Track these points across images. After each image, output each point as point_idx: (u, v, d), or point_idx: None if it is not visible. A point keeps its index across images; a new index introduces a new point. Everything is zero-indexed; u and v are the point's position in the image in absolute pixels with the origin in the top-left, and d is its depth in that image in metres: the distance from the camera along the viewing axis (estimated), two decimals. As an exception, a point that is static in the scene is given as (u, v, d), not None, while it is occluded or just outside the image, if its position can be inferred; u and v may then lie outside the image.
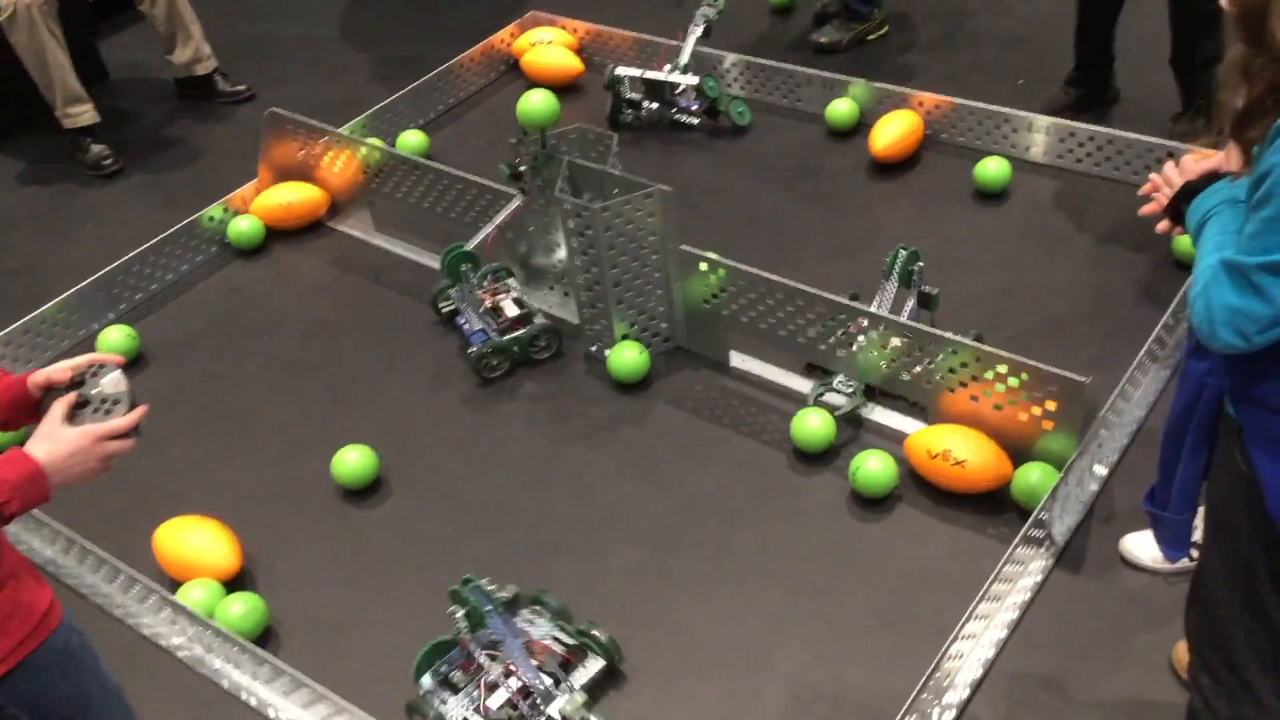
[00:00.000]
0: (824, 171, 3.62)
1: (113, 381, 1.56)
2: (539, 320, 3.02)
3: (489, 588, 2.18)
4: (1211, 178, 1.67)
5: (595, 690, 2.24)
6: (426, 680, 2.22)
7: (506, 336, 2.98)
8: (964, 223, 3.34)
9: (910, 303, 2.79)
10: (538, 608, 2.31)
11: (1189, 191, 1.67)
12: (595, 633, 2.24)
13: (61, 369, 1.58)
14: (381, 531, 2.65)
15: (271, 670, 2.29)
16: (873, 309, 2.70)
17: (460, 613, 2.16)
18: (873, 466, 2.52)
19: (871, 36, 4.26)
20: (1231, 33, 1.42)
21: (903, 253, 2.78)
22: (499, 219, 3.07)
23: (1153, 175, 1.82)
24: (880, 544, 2.48)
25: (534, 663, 2.18)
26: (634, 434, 2.82)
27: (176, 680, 2.38)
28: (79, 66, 3.97)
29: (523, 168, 3.00)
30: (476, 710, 2.18)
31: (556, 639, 2.25)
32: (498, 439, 2.85)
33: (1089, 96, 3.66)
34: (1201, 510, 1.74)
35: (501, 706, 2.17)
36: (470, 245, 3.06)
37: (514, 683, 2.18)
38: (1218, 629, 1.67)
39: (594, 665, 2.25)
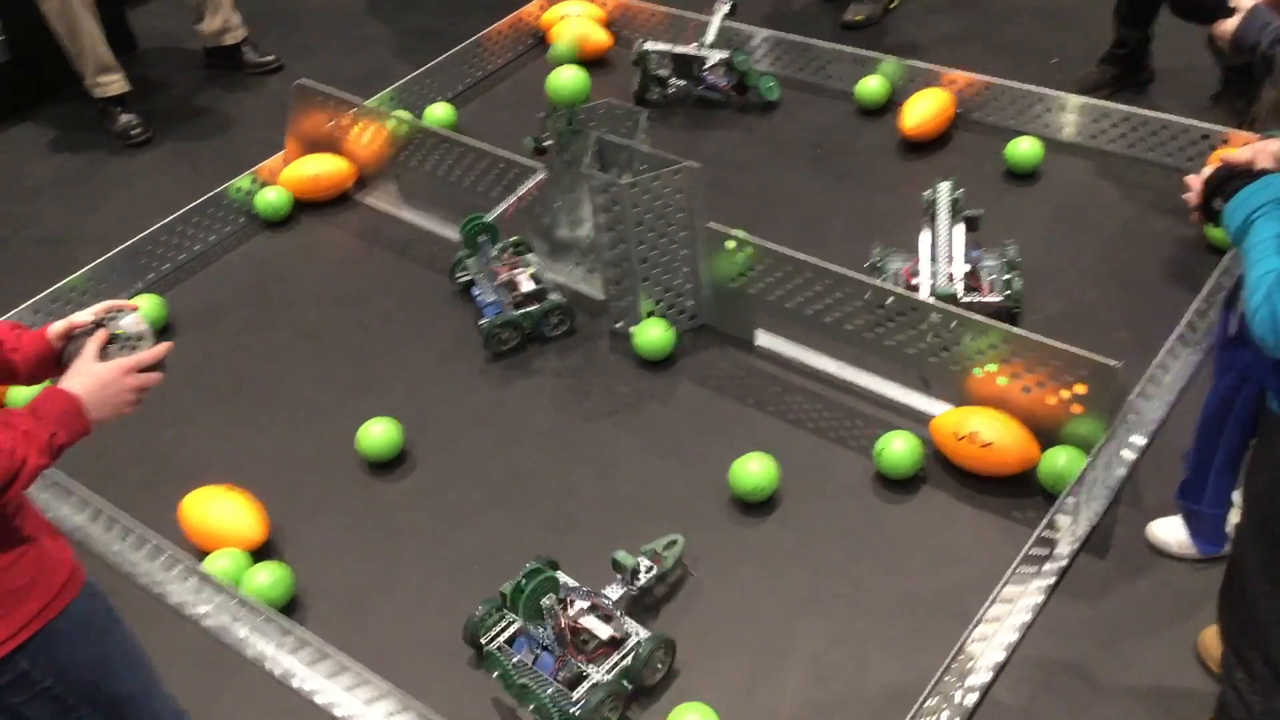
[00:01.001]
0: (853, 149, 3.59)
1: (133, 322, 1.60)
2: (553, 297, 3.01)
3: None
4: (1245, 173, 1.57)
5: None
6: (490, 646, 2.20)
7: (519, 311, 2.97)
8: (995, 203, 3.30)
9: (959, 232, 2.81)
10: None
11: (1219, 181, 1.59)
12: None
13: (81, 316, 1.61)
14: (406, 504, 2.66)
15: (296, 640, 2.30)
16: (925, 249, 2.76)
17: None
18: (898, 448, 2.51)
19: (893, 5, 4.26)
20: None
21: (944, 185, 2.81)
22: (520, 191, 3.06)
23: (1190, 178, 1.71)
24: (904, 526, 2.47)
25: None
26: (658, 411, 2.81)
27: (201, 649, 2.40)
28: (108, 36, 3.97)
29: (548, 142, 2.99)
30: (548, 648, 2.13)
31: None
32: (522, 414, 2.85)
33: (1124, 76, 3.61)
34: (1236, 502, 1.72)
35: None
36: (490, 216, 3.06)
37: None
38: (1255, 624, 1.65)
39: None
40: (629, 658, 2.14)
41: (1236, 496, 1.70)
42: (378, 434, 2.71)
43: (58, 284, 3.21)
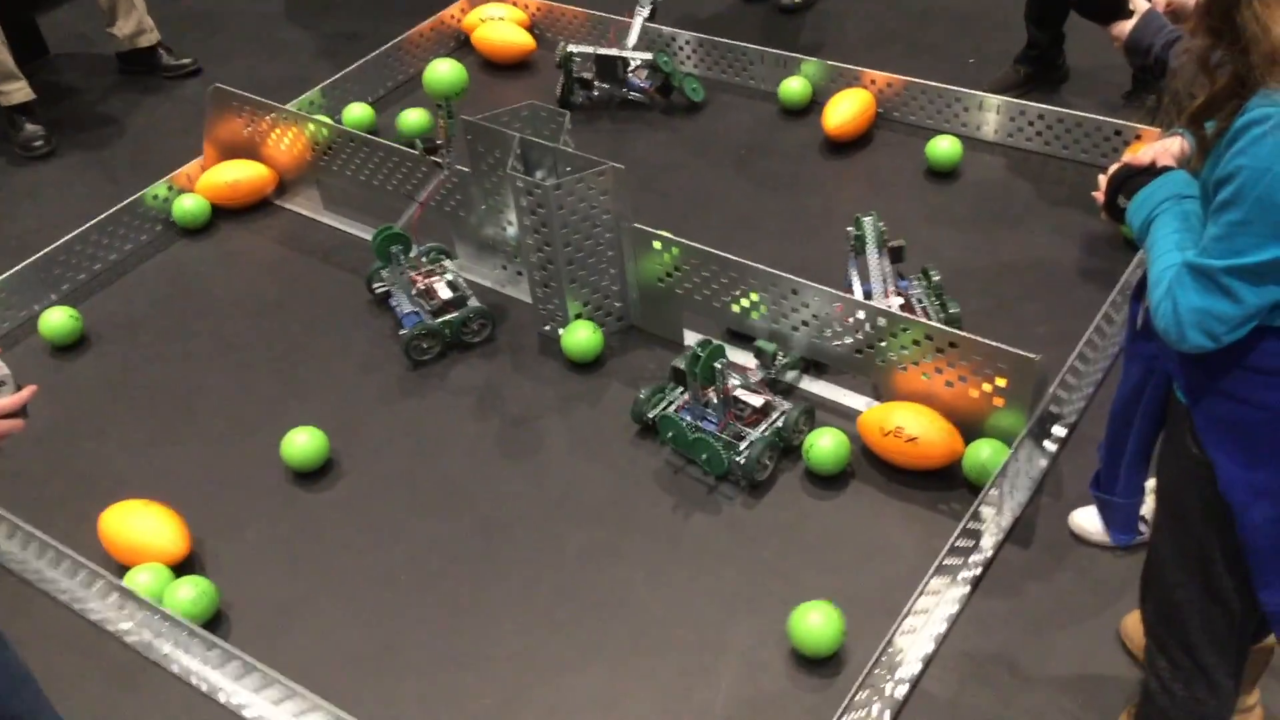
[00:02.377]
0: (777, 150, 3.62)
1: None
2: (472, 303, 3.00)
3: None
4: (1146, 170, 1.61)
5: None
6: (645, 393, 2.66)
7: (438, 319, 2.95)
8: (916, 201, 3.36)
9: (887, 266, 2.84)
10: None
11: (1122, 180, 1.63)
12: (761, 457, 2.53)
13: None
14: (331, 514, 2.62)
15: (222, 654, 2.26)
16: (856, 282, 2.82)
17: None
18: (825, 444, 2.53)
19: None
20: (1193, 22, 1.38)
21: (867, 220, 2.83)
22: (422, 194, 3.04)
23: (1101, 177, 1.76)
24: (833, 521, 2.49)
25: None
26: (588, 413, 2.81)
27: (126, 665, 2.34)
28: (17, 42, 3.87)
29: (438, 142, 2.96)
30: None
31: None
32: (450, 419, 2.82)
33: (1038, 75, 3.69)
34: (1149, 492, 1.75)
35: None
36: (399, 224, 3.03)
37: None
38: (1174, 613, 1.68)
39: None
40: (780, 420, 2.59)
41: (1151, 485, 1.74)
42: (302, 443, 2.67)
43: (-34, 297, 3.12)
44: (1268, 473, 1.48)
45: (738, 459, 2.50)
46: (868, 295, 2.79)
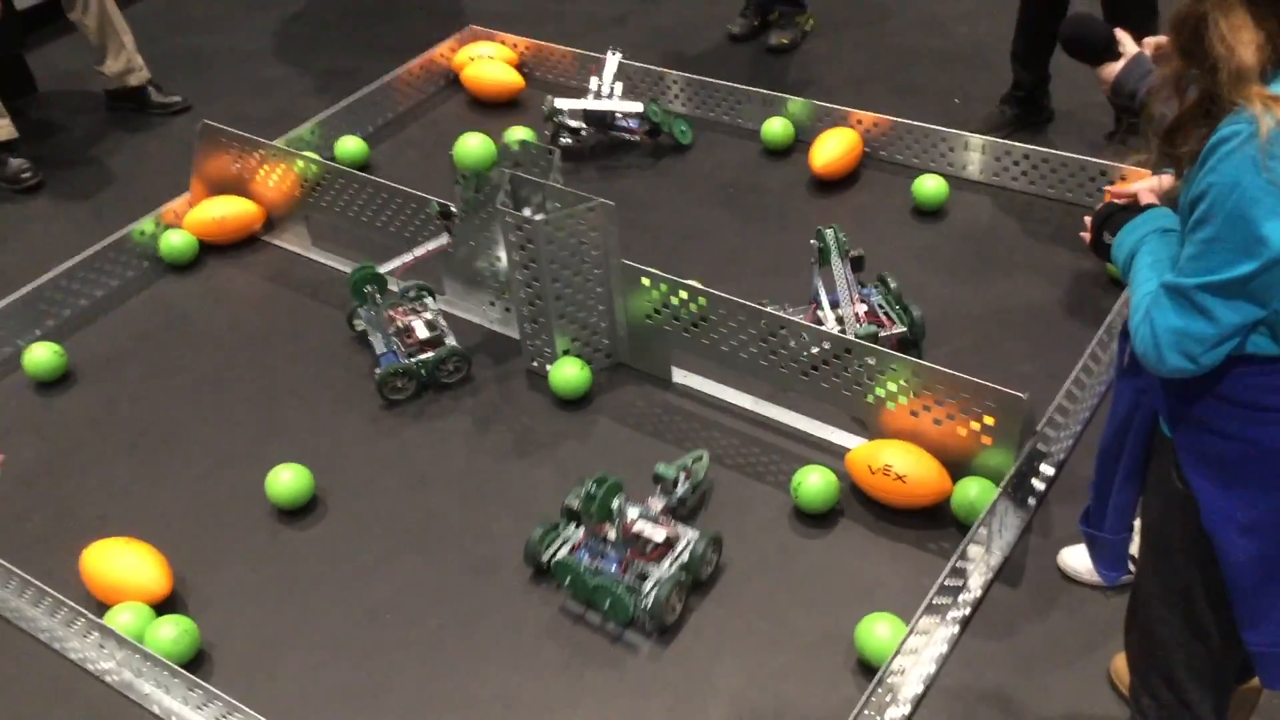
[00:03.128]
0: (765, 187, 3.64)
1: None
2: (449, 342, 2.99)
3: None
4: (1129, 207, 1.64)
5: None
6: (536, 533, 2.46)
7: (415, 359, 2.94)
8: (902, 239, 3.37)
9: (850, 274, 2.90)
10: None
11: (1105, 216, 1.65)
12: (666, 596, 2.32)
13: None
14: (315, 552, 2.60)
15: (203, 695, 2.22)
16: (822, 292, 2.82)
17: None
18: (814, 482, 2.52)
19: (809, 29, 4.42)
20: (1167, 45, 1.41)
21: (829, 232, 2.89)
22: (419, 252, 3.04)
23: (1088, 217, 1.79)
24: (822, 559, 2.48)
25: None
26: (575, 450, 2.80)
27: (106, 706, 2.31)
28: (6, 79, 3.86)
29: (453, 208, 2.97)
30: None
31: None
32: (436, 456, 2.81)
33: (1024, 115, 3.72)
34: (1138, 529, 1.75)
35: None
36: (384, 269, 3.03)
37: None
38: (1157, 648, 1.67)
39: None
40: (685, 554, 2.39)
41: (1140, 524, 1.74)
42: (287, 480, 2.65)
43: (-50, 332, 3.10)
44: (1250, 507, 1.47)
45: (643, 603, 2.31)
46: (834, 304, 2.85)
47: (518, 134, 3.76)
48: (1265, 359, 1.42)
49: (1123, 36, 2.20)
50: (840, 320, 2.84)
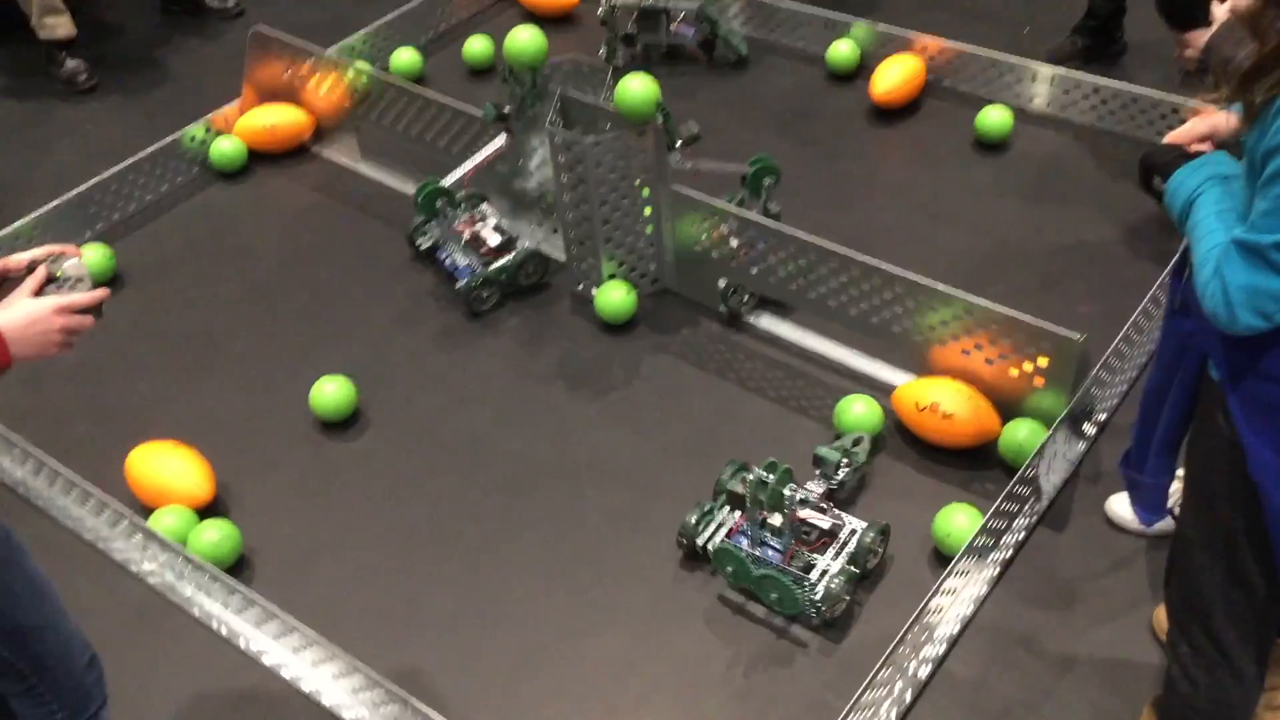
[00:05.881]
0: (822, 115, 3.55)
1: (74, 266, 1.57)
2: (523, 244, 2.96)
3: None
4: (1179, 153, 1.58)
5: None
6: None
7: (492, 267, 2.91)
8: (963, 173, 3.28)
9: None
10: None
11: (1154, 162, 1.60)
12: (837, 588, 2.18)
13: (19, 258, 1.56)
14: (357, 465, 2.61)
15: (242, 600, 2.25)
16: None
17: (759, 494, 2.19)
18: (857, 411, 2.49)
19: None
20: None
21: (752, 169, 2.86)
22: (479, 158, 2.99)
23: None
24: (863, 495, 2.45)
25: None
26: (618, 376, 2.77)
27: (148, 606, 2.35)
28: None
29: (508, 109, 2.91)
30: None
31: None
32: (479, 375, 2.80)
33: (1096, 47, 3.58)
34: (1180, 475, 1.71)
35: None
36: (447, 182, 2.99)
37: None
38: (1197, 597, 1.65)
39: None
40: (852, 543, 2.24)
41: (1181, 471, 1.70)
42: (331, 392, 2.65)
43: (2, 231, 3.11)
44: None
45: (813, 597, 2.17)
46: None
47: (404, 57, 3.71)
48: None
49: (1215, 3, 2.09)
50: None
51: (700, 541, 2.30)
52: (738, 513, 2.32)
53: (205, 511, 2.48)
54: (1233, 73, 1.37)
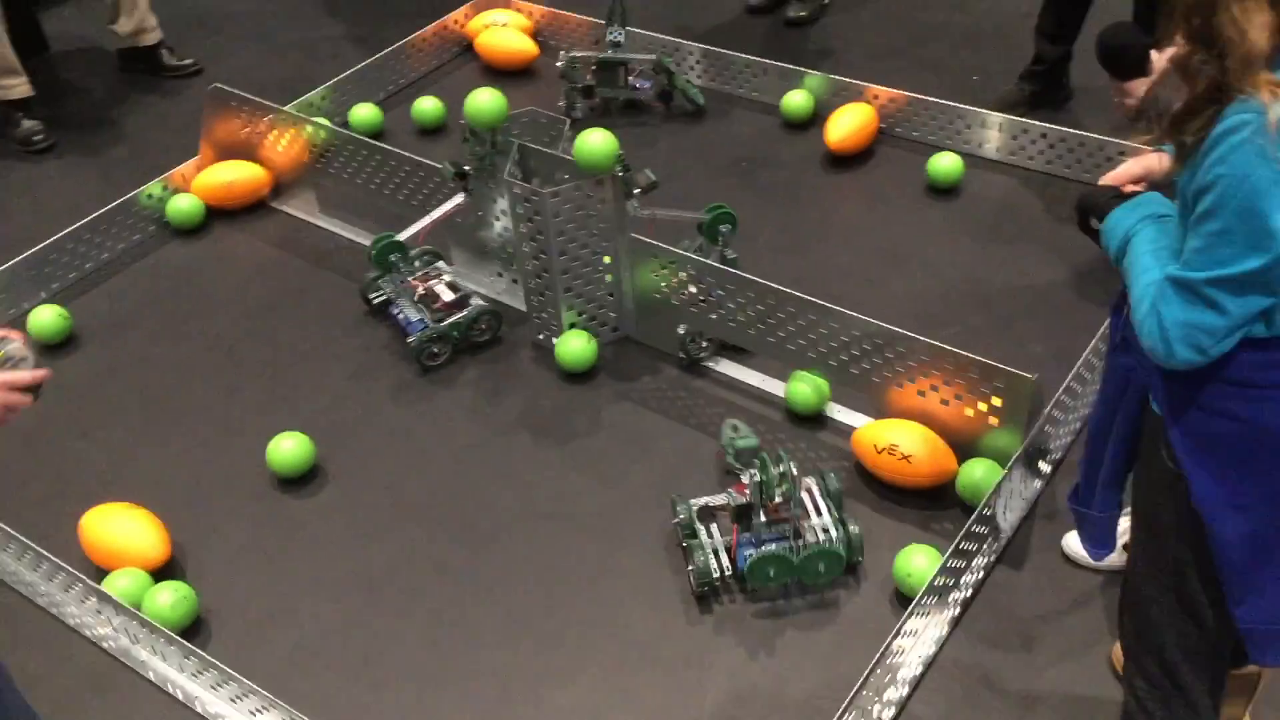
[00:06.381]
0: (778, 162, 3.59)
1: (17, 348, 1.61)
2: (476, 302, 2.96)
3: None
4: (1114, 194, 1.62)
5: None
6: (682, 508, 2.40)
7: (445, 322, 2.92)
8: (916, 217, 3.33)
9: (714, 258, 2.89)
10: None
11: (1090, 202, 1.63)
12: (853, 528, 2.33)
13: None
14: (316, 521, 2.59)
15: (199, 663, 2.22)
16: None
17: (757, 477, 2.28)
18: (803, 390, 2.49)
19: (826, 1, 4.36)
20: (1175, 26, 1.36)
21: (709, 216, 2.90)
22: (435, 215, 3.01)
23: None
24: (824, 539, 2.46)
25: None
26: (580, 424, 2.77)
27: (103, 672, 2.31)
28: (18, 39, 3.85)
29: (467, 167, 2.94)
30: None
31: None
32: (439, 427, 2.79)
33: (1044, 93, 3.66)
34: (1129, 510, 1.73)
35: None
36: (402, 236, 3.00)
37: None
38: (1149, 630, 1.67)
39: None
40: (817, 494, 2.40)
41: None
42: (288, 448, 2.64)
43: (-44, 293, 3.09)
44: (1240, 486, 1.46)
45: (850, 546, 2.31)
46: None
47: (363, 113, 3.75)
48: (1258, 339, 1.40)
49: (1156, 56, 2.15)
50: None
51: (719, 575, 2.32)
52: (716, 533, 2.37)
53: (161, 573, 2.45)
54: (1165, 115, 1.41)
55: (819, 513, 2.36)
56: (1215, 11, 1.28)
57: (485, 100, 2.79)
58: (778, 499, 2.29)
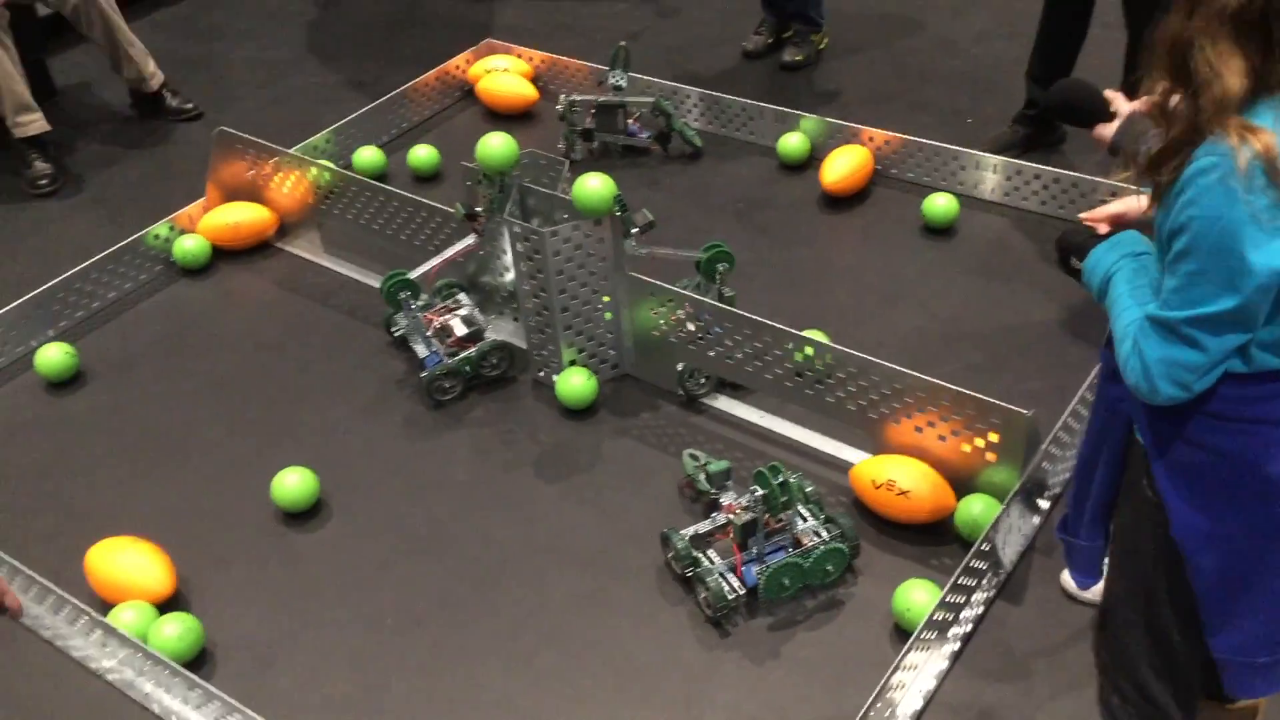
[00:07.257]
0: (775, 203, 3.65)
1: None
2: (489, 336, 3.00)
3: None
4: (1091, 233, 1.65)
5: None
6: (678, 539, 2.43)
7: (456, 357, 2.95)
8: (912, 256, 3.37)
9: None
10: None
11: (1071, 242, 1.67)
12: (844, 520, 2.42)
13: None
14: (319, 555, 2.61)
15: (203, 695, 2.23)
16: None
17: (759, 492, 2.32)
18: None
19: (822, 46, 4.43)
20: (1156, 62, 1.39)
21: (706, 255, 2.92)
22: (448, 254, 3.04)
23: None
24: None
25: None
26: (580, 461, 2.80)
27: (107, 705, 2.32)
28: (26, 81, 3.91)
29: (478, 209, 2.98)
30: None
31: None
32: (441, 464, 2.82)
33: (1037, 135, 3.72)
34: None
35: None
36: (413, 275, 3.04)
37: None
38: (1122, 651, 1.70)
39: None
40: (798, 497, 2.43)
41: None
42: (292, 484, 2.66)
43: (-36, 331, 3.13)
44: (1220, 518, 1.49)
45: (849, 544, 2.40)
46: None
47: (367, 155, 3.81)
48: (1238, 375, 1.44)
49: (1114, 96, 2.18)
50: None
51: (733, 596, 2.35)
52: (716, 557, 2.41)
53: (166, 606, 2.46)
54: (1142, 156, 1.44)
55: (804, 519, 2.44)
56: (1192, 51, 1.31)
57: (496, 145, 2.84)
58: (780, 511, 2.35)
